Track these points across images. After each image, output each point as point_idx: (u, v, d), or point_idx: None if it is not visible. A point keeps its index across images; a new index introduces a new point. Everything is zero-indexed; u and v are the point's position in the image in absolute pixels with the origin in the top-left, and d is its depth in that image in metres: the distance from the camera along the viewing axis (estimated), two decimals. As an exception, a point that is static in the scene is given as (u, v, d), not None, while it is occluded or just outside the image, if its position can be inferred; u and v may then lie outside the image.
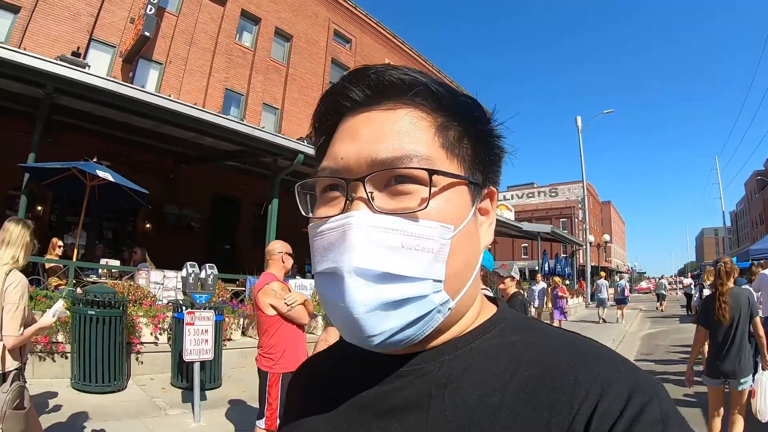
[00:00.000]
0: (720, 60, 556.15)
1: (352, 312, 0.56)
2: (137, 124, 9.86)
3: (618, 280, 28.80)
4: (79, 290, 7.23)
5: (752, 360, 4.62)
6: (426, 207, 0.58)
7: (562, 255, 30.53)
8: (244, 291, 9.53)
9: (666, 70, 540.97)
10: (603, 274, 21.30)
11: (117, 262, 9.54)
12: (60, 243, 8.63)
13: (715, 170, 43.77)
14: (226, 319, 7.87)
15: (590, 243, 31.49)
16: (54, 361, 6.73)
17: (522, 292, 6.06)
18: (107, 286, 7.21)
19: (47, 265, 8.22)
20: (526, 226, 24.68)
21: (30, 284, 3.71)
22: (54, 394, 6.00)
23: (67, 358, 6.69)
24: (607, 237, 41.84)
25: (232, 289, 9.59)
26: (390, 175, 0.59)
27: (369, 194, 0.59)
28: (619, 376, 0.53)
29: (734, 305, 4.49)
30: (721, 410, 4.73)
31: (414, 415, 0.59)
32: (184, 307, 6.49)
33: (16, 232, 3.19)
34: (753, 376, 4.56)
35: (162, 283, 8.44)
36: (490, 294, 0.90)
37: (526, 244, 48.65)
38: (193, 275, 6.33)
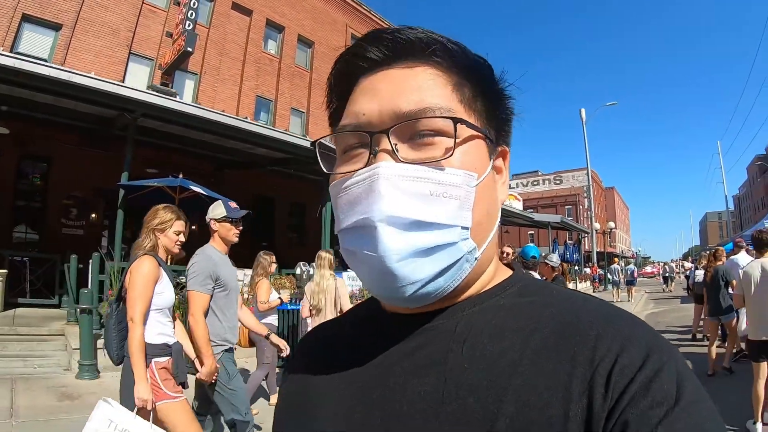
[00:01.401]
0: (721, 43, 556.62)
1: (386, 261, 0.57)
2: (198, 138, 10.59)
3: (626, 264, 30.34)
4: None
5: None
6: (451, 155, 0.60)
7: (570, 242, 31.50)
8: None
9: (668, 54, 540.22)
10: (616, 260, 22.43)
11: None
12: None
13: (718, 155, 44.11)
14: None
15: (596, 230, 32.49)
16: None
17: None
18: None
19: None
20: (537, 216, 26.04)
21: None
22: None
23: None
24: (612, 224, 43.22)
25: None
26: (413, 127, 0.61)
27: (393, 146, 0.60)
28: (639, 335, 0.54)
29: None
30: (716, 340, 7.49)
31: (433, 370, 0.59)
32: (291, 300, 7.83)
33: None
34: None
35: (242, 280, 9.26)
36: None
37: (533, 232, 50.13)
38: (306, 272, 8.42)
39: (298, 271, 9.82)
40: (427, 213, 0.58)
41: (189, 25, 14.29)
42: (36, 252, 10.35)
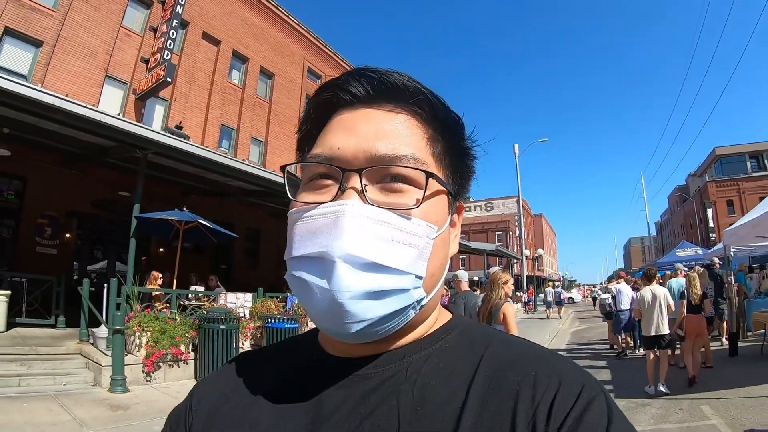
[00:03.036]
0: (647, 83, 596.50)
1: (337, 296, 0.57)
2: (184, 170, 11.52)
3: (556, 288, 34.59)
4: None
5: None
6: (418, 206, 0.62)
7: (498, 267, 34.63)
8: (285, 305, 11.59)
9: (596, 91, 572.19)
10: (550, 284, 25.38)
11: (202, 288, 11.55)
12: (159, 275, 10.23)
13: (641, 184, 47.80)
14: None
15: (526, 256, 35.45)
16: (179, 367, 8.66)
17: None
18: (223, 308, 9.49)
19: (153, 293, 9.79)
20: (473, 244, 28.49)
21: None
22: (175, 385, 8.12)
23: (188, 364, 8.73)
24: (541, 251, 46.98)
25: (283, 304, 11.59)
26: (386, 172, 0.63)
27: (363, 186, 0.62)
28: (572, 372, 0.59)
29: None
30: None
31: (386, 414, 0.60)
32: (269, 319, 9.30)
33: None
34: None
35: (235, 303, 10.40)
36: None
37: (464, 257, 52.35)
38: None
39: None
40: (385, 257, 0.59)
41: (167, 55, 15.04)
42: (34, 274, 10.77)
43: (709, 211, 45.50)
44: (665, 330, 7.66)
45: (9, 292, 9.29)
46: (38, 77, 13.35)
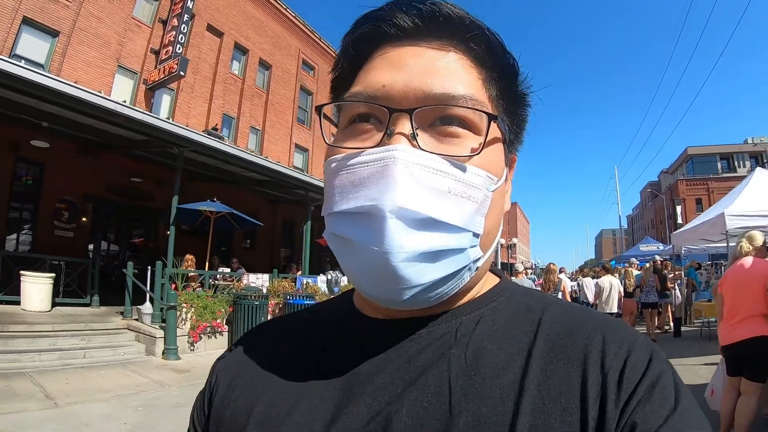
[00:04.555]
0: (625, 77, 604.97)
1: (390, 258, 0.52)
2: (200, 160, 12.70)
3: (530, 276, 36.98)
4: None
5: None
6: (477, 153, 0.57)
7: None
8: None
9: (574, 81, 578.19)
10: (527, 271, 27.23)
11: (228, 270, 12.96)
12: (193, 258, 11.64)
13: (614, 178, 49.35)
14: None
15: (501, 245, 37.42)
16: (216, 338, 10.04)
17: None
18: (254, 287, 11.21)
19: (189, 274, 11.13)
20: None
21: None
22: (215, 353, 10.09)
23: (223, 335, 10.14)
24: (515, 240, 48.81)
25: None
26: (440, 114, 0.58)
27: (414, 130, 0.56)
28: (641, 340, 0.56)
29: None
30: None
31: (434, 379, 0.56)
32: (289, 295, 10.81)
33: None
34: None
35: (256, 282, 11.75)
36: None
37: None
38: (335, 278, 11.55)
39: (328, 276, 12.56)
40: (442, 212, 0.54)
41: (179, 49, 15.99)
42: (79, 258, 11.76)
43: (678, 208, 47.16)
44: (615, 309, 10.96)
45: (53, 275, 10.24)
46: (55, 66, 14.12)
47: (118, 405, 6.03)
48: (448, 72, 0.58)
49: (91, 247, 14.78)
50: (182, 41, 16.23)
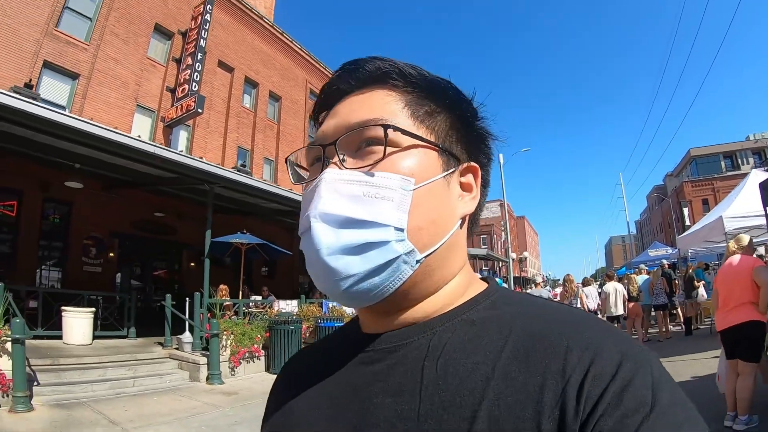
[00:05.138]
0: (626, 84, 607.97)
1: (319, 254, 0.62)
2: (225, 194, 13.19)
3: (544, 287, 37.94)
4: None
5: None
6: (382, 160, 0.66)
7: (485, 269, 37.06)
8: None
9: (575, 89, 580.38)
10: (540, 284, 27.53)
11: (259, 297, 13.57)
12: (226, 287, 12.10)
13: (620, 185, 49.46)
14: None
15: (513, 259, 37.84)
16: (254, 362, 10.55)
17: None
18: (285, 312, 11.68)
19: (225, 303, 11.58)
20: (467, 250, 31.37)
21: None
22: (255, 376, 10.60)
23: (260, 359, 10.66)
24: (526, 254, 49.33)
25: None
26: (359, 139, 0.68)
27: (341, 156, 0.68)
28: (611, 343, 0.55)
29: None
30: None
31: (409, 388, 0.61)
32: (320, 319, 11.26)
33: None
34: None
35: (286, 308, 12.24)
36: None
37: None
38: None
39: None
40: (358, 211, 0.63)
41: (195, 87, 16.59)
42: (105, 292, 12.17)
43: (686, 210, 47.26)
44: (620, 312, 12.28)
45: (93, 309, 10.64)
46: (77, 108, 14.68)
47: (180, 427, 6.45)
48: (366, 106, 0.70)
49: (118, 280, 15.21)
50: (197, 79, 16.87)
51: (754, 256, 5.71)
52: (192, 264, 17.29)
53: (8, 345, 7.09)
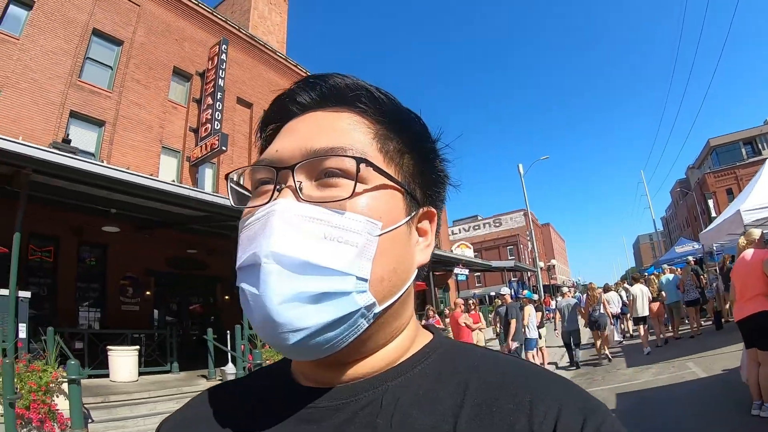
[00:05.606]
0: (639, 79, 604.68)
1: (266, 302, 0.55)
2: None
3: (574, 294, 37.82)
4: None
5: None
6: (351, 197, 0.59)
7: (513, 279, 36.94)
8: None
9: (590, 89, 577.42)
10: (568, 293, 27.40)
11: None
12: None
13: (642, 183, 49.40)
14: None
15: (540, 268, 37.80)
16: None
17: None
18: None
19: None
20: (494, 263, 30.81)
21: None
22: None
23: None
24: (554, 261, 49.06)
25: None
26: (321, 167, 0.60)
27: (298, 183, 0.60)
28: (573, 398, 0.55)
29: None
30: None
31: None
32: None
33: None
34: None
35: None
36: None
37: (479, 274, 54.26)
38: None
39: None
40: (318, 255, 0.56)
41: (217, 126, 17.19)
42: (147, 329, 12.67)
43: (710, 202, 46.74)
44: (646, 312, 12.94)
45: (138, 347, 11.08)
46: (105, 153, 15.27)
47: None
48: (332, 130, 0.63)
49: (156, 316, 15.83)
50: (218, 118, 17.48)
51: None
52: (226, 297, 17.76)
53: (64, 386, 7.49)
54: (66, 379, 7.34)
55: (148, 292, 15.56)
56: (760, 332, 5.30)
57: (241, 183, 0.72)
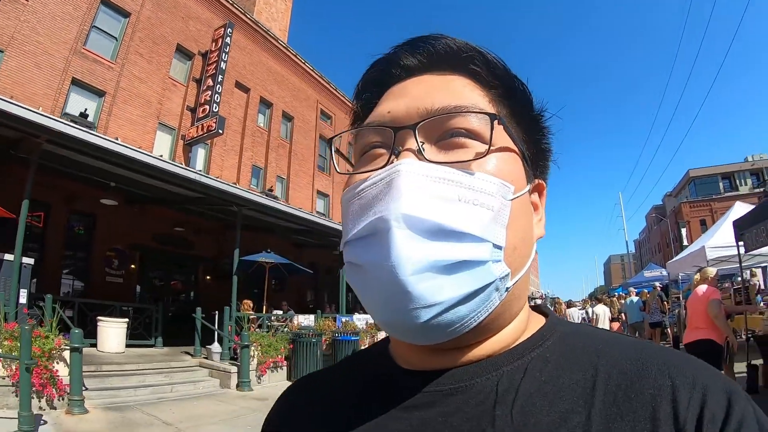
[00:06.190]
0: (625, 104, 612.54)
1: (398, 272, 0.49)
2: (248, 214, 14.09)
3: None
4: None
5: None
6: (484, 157, 0.56)
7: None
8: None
9: (571, 116, 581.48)
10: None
11: (280, 312, 14.59)
12: (251, 303, 13.19)
13: (619, 204, 50.20)
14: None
15: None
16: (277, 371, 11.48)
17: None
18: (311, 326, 12.85)
19: (250, 317, 12.56)
20: None
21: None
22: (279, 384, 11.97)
23: (283, 368, 11.62)
24: None
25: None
26: (443, 126, 0.57)
27: (420, 145, 0.55)
28: (716, 382, 0.50)
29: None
30: None
31: None
32: (336, 334, 12.46)
33: None
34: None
35: (304, 323, 13.29)
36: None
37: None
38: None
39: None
40: (454, 218, 0.51)
41: (215, 108, 17.55)
42: (131, 302, 13.06)
43: (683, 230, 48.26)
44: None
45: (127, 320, 11.47)
46: (102, 125, 15.46)
47: (229, 427, 7.34)
48: (449, 91, 0.60)
49: (138, 291, 16.21)
50: (218, 100, 17.90)
51: (748, 275, 6.85)
52: (207, 277, 18.14)
53: (65, 353, 7.85)
54: (69, 347, 7.69)
55: (132, 266, 15.88)
56: (703, 356, 6.04)
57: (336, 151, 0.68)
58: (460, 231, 0.51)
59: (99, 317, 11.12)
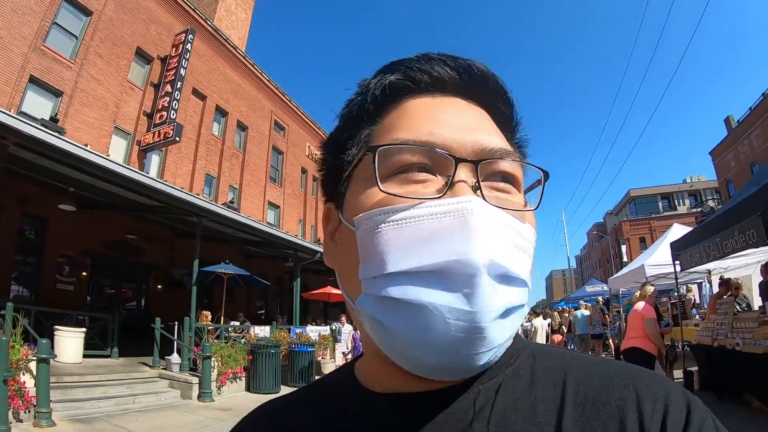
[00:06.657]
0: (571, 125, 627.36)
1: (480, 319, 0.49)
2: (208, 225, 14.28)
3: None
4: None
5: None
6: (536, 207, 0.59)
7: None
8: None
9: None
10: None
11: (237, 323, 14.95)
12: (209, 313, 13.65)
13: (562, 221, 51.48)
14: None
15: None
16: (236, 382, 11.84)
17: None
18: (268, 338, 13.22)
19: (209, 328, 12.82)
20: None
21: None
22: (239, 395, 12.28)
23: (242, 379, 11.96)
24: None
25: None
26: (495, 169, 0.57)
27: (478, 181, 0.54)
28: (675, 392, 0.53)
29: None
30: None
31: None
32: (293, 345, 13.07)
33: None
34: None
35: (260, 333, 13.92)
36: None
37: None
38: (337, 329, 13.86)
39: (333, 327, 15.26)
40: (515, 265, 0.53)
41: (173, 114, 17.72)
42: (91, 312, 13.10)
43: (624, 247, 50.84)
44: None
45: (85, 329, 11.53)
46: (59, 124, 15.10)
47: None
48: (492, 129, 0.60)
49: (88, 299, 16.12)
50: (176, 107, 18.11)
51: (683, 290, 7.83)
52: (159, 286, 18.20)
53: (31, 365, 7.85)
54: (35, 358, 7.66)
55: (84, 273, 15.79)
56: (635, 360, 6.93)
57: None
58: (518, 277, 0.53)
59: (56, 326, 11.02)
